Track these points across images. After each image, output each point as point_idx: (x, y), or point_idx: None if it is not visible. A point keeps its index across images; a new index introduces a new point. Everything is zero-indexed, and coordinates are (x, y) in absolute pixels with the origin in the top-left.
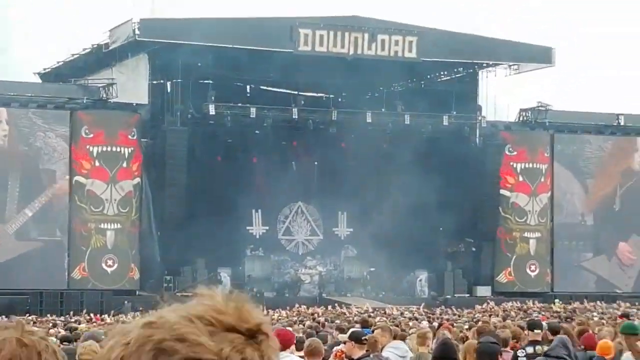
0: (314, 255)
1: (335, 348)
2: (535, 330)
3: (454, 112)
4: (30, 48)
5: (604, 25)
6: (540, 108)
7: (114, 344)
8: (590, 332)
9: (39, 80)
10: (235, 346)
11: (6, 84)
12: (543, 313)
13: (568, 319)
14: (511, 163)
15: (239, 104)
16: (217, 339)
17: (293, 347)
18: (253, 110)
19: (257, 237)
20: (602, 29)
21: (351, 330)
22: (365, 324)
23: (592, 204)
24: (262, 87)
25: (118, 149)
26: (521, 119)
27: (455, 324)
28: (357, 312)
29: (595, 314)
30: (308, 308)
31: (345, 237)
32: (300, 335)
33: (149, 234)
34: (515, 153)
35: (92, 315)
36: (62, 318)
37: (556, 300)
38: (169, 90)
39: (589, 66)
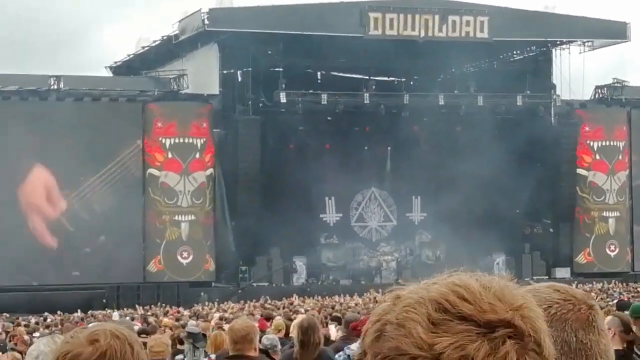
0: (388, 242)
1: None
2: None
3: (528, 92)
4: (102, 42)
5: None
6: (616, 84)
7: (373, 313)
8: None
9: (111, 74)
10: (458, 341)
11: (78, 79)
12: (624, 293)
13: None
14: (588, 141)
15: (310, 91)
16: (440, 329)
17: None
18: (324, 96)
19: (331, 224)
20: None
21: None
22: None
23: None
24: (332, 73)
25: (190, 140)
26: (597, 96)
27: None
28: None
29: None
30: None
31: (419, 222)
32: None
33: (223, 225)
34: (591, 131)
35: (169, 308)
36: (139, 311)
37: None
38: (239, 79)
39: None
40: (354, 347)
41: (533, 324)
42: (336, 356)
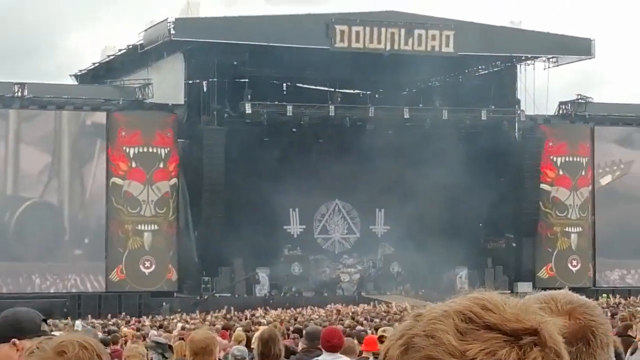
0: (351, 254)
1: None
2: None
3: (493, 107)
4: (67, 50)
5: None
6: (580, 101)
7: (392, 334)
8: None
9: (75, 82)
10: (487, 347)
11: (43, 87)
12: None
13: (613, 315)
14: (551, 157)
15: (276, 102)
16: (469, 337)
17: None
18: (290, 108)
19: (295, 236)
20: None
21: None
22: None
23: None
24: (298, 84)
25: (155, 150)
26: (561, 112)
27: None
28: (396, 311)
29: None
30: (347, 307)
31: (382, 235)
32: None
33: (186, 235)
34: (555, 146)
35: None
36: (100, 321)
37: (603, 295)
38: (205, 89)
39: (629, 57)
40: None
41: (554, 335)
42: None
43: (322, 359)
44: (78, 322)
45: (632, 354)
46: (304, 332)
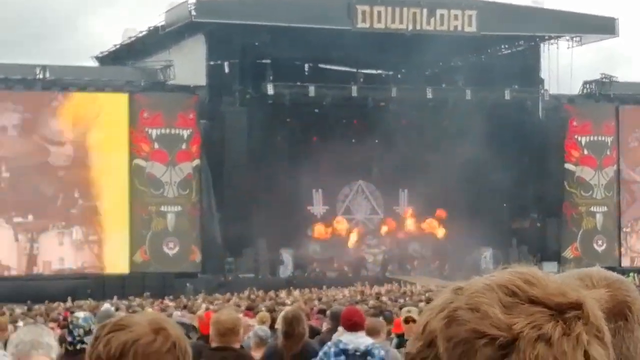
0: (374, 234)
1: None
2: None
3: (516, 86)
4: (88, 32)
5: None
6: (604, 80)
7: (429, 307)
8: None
9: (97, 64)
10: (533, 321)
11: (64, 69)
12: None
13: None
14: (575, 136)
15: (298, 83)
16: (514, 311)
17: None
18: (312, 88)
19: (318, 216)
20: None
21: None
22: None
23: None
24: (320, 65)
25: (177, 131)
26: (585, 91)
27: None
28: (421, 291)
29: None
30: (371, 287)
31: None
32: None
33: (209, 216)
34: (579, 126)
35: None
36: (124, 302)
37: (631, 273)
38: (226, 70)
39: None
40: (345, 339)
41: (595, 311)
42: (324, 347)
43: (343, 338)
44: (107, 305)
45: None
46: (328, 312)
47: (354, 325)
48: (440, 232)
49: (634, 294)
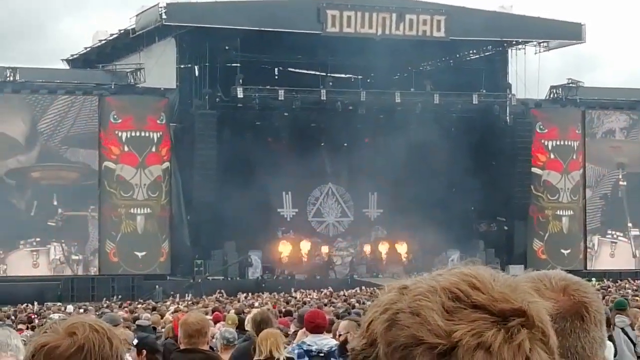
0: (345, 237)
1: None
2: None
3: (484, 91)
4: (59, 35)
5: None
6: (571, 85)
7: (375, 304)
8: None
9: (67, 67)
10: (474, 328)
11: (35, 71)
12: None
13: (604, 298)
14: (542, 141)
15: (267, 87)
16: (456, 317)
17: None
18: (281, 92)
19: (288, 219)
20: (631, 2)
21: None
22: None
23: None
24: (290, 69)
25: (147, 134)
26: (552, 96)
27: None
28: None
29: (630, 291)
30: (340, 290)
31: (375, 218)
32: (332, 317)
33: (179, 219)
34: (546, 130)
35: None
36: (94, 304)
37: (593, 279)
38: (196, 74)
39: (619, 41)
40: (309, 341)
41: (542, 315)
42: (288, 348)
43: (307, 339)
44: (70, 307)
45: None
46: (295, 314)
47: (316, 327)
48: (403, 249)
49: (591, 295)
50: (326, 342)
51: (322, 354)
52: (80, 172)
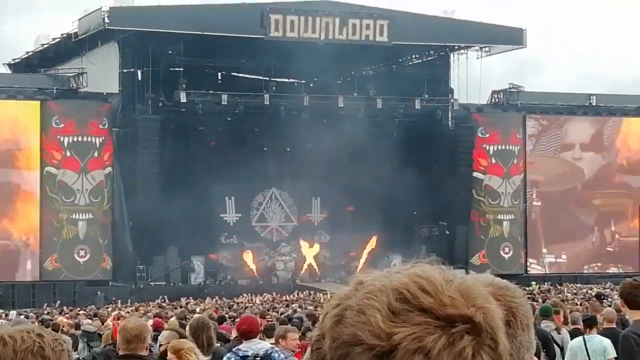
0: (289, 242)
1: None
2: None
3: (426, 96)
4: (0, 38)
5: (574, 5)
6: (512, 89)
7: (334, 296)
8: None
9: (9, 71)
10: (416, 332)
11: None
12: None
13: (544, 301)
14: (484, 145)
15: (210, 91)
16: (400, 319)
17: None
18: (224, 97)
19: (231, 224)
20: (573, 8)
21: None
22: None
23: None
24: (233, 73)
25: (89, 139)
26: (493, 101)
27: None
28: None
29: (569, 294)
30: (282, 295)
31: (318, 223)
32: (274, 322)
33: (121, 224)
34: (487, 135)
35: (65, 307)
36: (34, 310)
37: (533, 283)
38: (139, 78)
39: (560, 46)
40: (244, 347)
41: (491, 322)
42: (224, 357)
43: (242, 346)
44: (13, 312)
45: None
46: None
47: (245, 332)
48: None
49: (519, 300)
50: (261, 345)
51: (258, 358)
52: None
